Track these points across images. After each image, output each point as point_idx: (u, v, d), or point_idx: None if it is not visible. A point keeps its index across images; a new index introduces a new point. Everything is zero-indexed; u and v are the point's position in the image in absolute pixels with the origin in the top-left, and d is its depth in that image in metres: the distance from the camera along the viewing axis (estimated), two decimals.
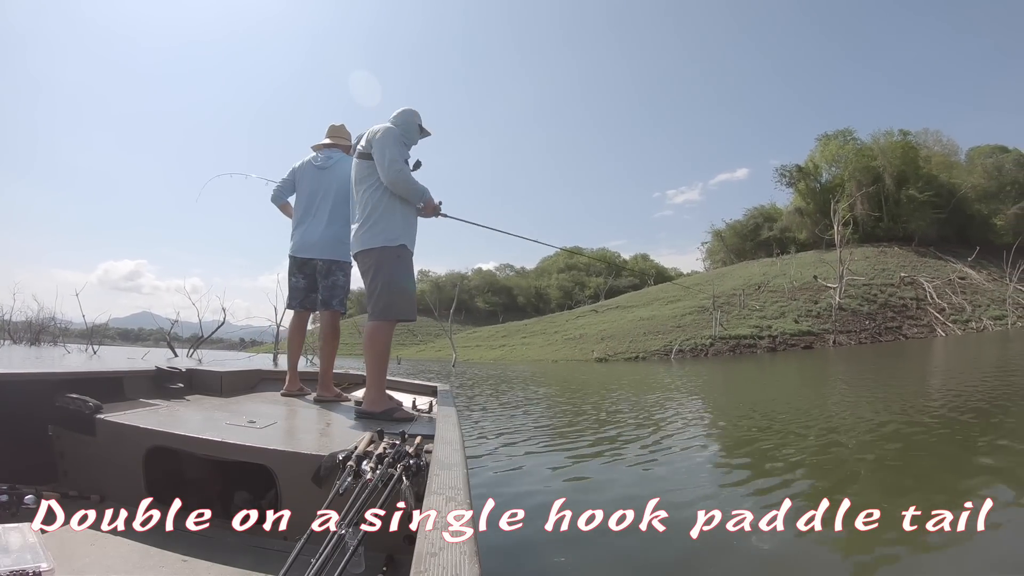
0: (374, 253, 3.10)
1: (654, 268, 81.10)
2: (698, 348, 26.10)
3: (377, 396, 2.99)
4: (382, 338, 3.08)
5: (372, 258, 3.11)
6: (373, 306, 3.09)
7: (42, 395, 2.36)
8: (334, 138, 4.12)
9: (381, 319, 3.09)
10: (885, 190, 46.09)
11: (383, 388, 3.05)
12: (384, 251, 3.10)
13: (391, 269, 3.11)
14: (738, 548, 2.81)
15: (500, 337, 43.91)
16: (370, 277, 3.12)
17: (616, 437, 5.95)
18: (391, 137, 3.12)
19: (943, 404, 7.42)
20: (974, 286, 35.29)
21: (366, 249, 3.13)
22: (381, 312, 3.09)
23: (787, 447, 5.13)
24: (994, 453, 4.71)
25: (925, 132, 51.13)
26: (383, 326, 3.09)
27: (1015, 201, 44.65)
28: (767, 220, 56.38)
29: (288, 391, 3.74)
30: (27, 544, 1.50)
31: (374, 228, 3.10)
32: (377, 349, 3.05)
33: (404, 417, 2.93)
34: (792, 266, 38.87)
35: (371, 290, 3.11)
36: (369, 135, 3.16)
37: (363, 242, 3.14)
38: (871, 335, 27.92)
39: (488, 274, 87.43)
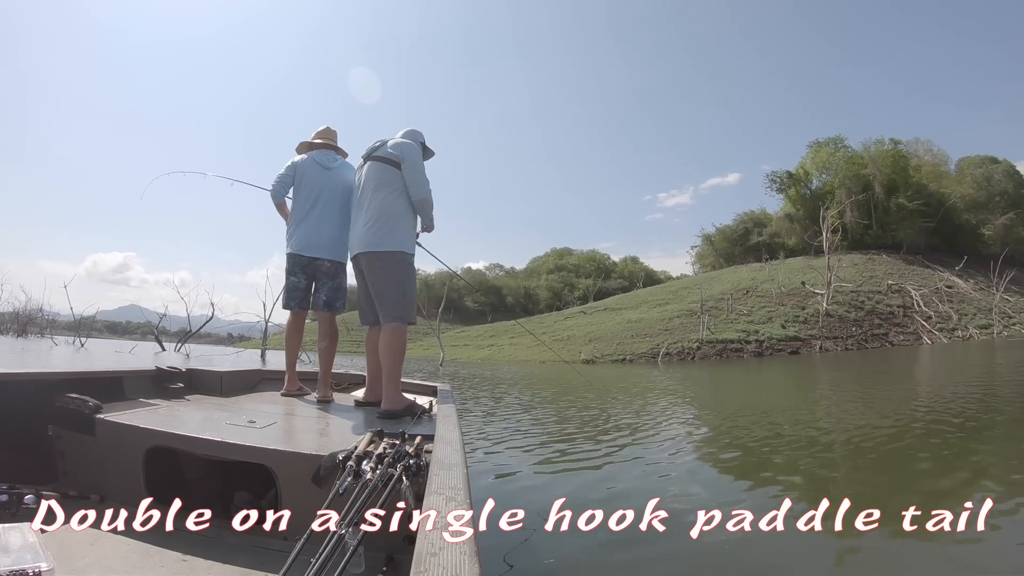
0: (393, 257, 3.21)
1: (644, 271, 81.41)
2: (685, 351, 25.99)
3: (397, 395, 3.09)
4: (401, 339, 3.19)
5: (390, 262, 3.21)
6: (392, 309, 3.19)
7: (42, 395, 2.36)
8: (329, 139, 4.12)
9: (400, 322, 3.20)
10: (875, 198, 46.33)
11: (400, 387, 3.16)
12: (403, 257, 3.24)
13: (408, 275, 3.28)
14: (738, 548, 2.83)
15: (488, 337, 43.75)
16: (385, 279, 3.22)
17: (614, 436, 5.99)
18: (420, 156, 3.36)
19: (930, 409, 7.43)
20: (961, 295, 35.44)
21: (382, 251, 3.20)
22: (400, 315, 3.20)
23: (779, 448, 5.18)
24: (979, 455, 4.85)
25: (916, 141, 51.81)
26: (401, 328, 3.19)
27: (1004, 211, 45.13)
28: (757, 225, 56.45)
29: (288, 391, 3.74)
30: (27, 544, 1.50)
31: (392, 233, 3.21)
32: (396, 349, 3.15)
33: (422, 412, 3.03)
34: (781, 272, 38.87)
35: (386, 293, 3.21)
36: (395, 146, 3.27)
37: (378, 243, 3.20)
38: (857, 342, 27.96)
39: (477, 273, 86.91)
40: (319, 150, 4.00)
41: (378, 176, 3.25)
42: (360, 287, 3.46)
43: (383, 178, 3.24)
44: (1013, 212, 45.02)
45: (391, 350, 3.13)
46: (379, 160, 3.27)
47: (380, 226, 3.19)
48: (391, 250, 3.20)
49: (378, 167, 3.26)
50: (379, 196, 3.22)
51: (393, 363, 3.10)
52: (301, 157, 3.97)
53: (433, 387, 3.96)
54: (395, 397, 3.07)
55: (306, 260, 3.84)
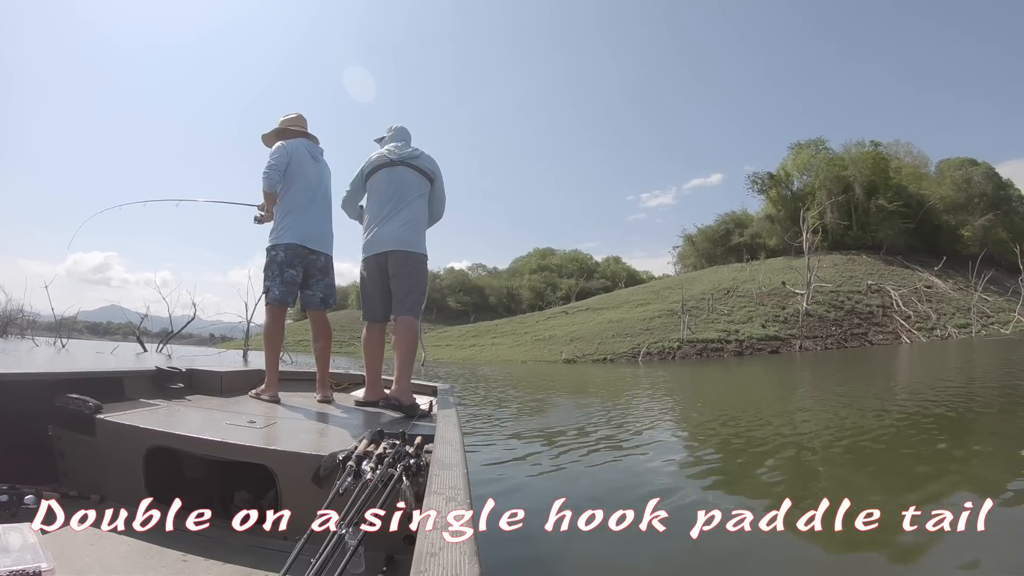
0: (420, 259, 3.43)
1: (626, 271, 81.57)
2: (666, 351, 26.14)
3: (408, 388, 3.18)
4: (416, 332, 3.36)
5: (422, 262, 3.44)
6: (414, 305, 3.37)
7: (42, 395, 2.34)
8: (305, 127, 3.93)
9: (416, 316, 3.38)
10: (855, 199, 46.75)
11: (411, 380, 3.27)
12: (425, 260, 3.48)
13: (426, 276, 3.53)
14: (737, 548, 2.82)
15: (471, 337, 43.88)
16: (417, 278, 3.40)
17: (613, 437, 6.02)
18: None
19: (911, 406, 7.40)
20: (940, 295, 35.73)
21: (418, 252, 3.41)
22: (418, 311, 3.40)
23: (774, 447, 5.20)
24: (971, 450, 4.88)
25: (896, 143, 52.50)
26: (416, 322, 3.37)
27: (983, 213, 45.70)
28: (738, 226, 56.74)
29: (273, 396, 3.34)
30: (27, 544, 1.48)
31: (420, 236, 3.46)
32: (412, 342, 3.32)
33: (423, 413, 3.02)
34: (761, 272, 38.94)
35: (408, 290, 3.36)
36: (428, 160, 3.54)
37: (413, 244, 3.39)
38: (837, 341, 28.08)
39: (460, 273, 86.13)
40: (302, 139, 3.76)
41: (418, 184, 3.47)
42: (373, 283, 3.45)
43: (422, 187, 3.48)
44: (992, 213, 45.64)
45: (407, 341, 3.29)
46: (418, 170, 3.48)
47: (415, 229, 3.42)
48: (419, 252, 3.41)
49: (417, 176, 3.47)
50: (419, 202, 3.46)
51: (409, 354, 3.26)
52: (291, 142, 3.68)
53: (433, 387, 4.00)
54: (408, 388, 3.17)
55: (306, 252, 3.64)
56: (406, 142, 3.61)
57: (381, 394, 3.29)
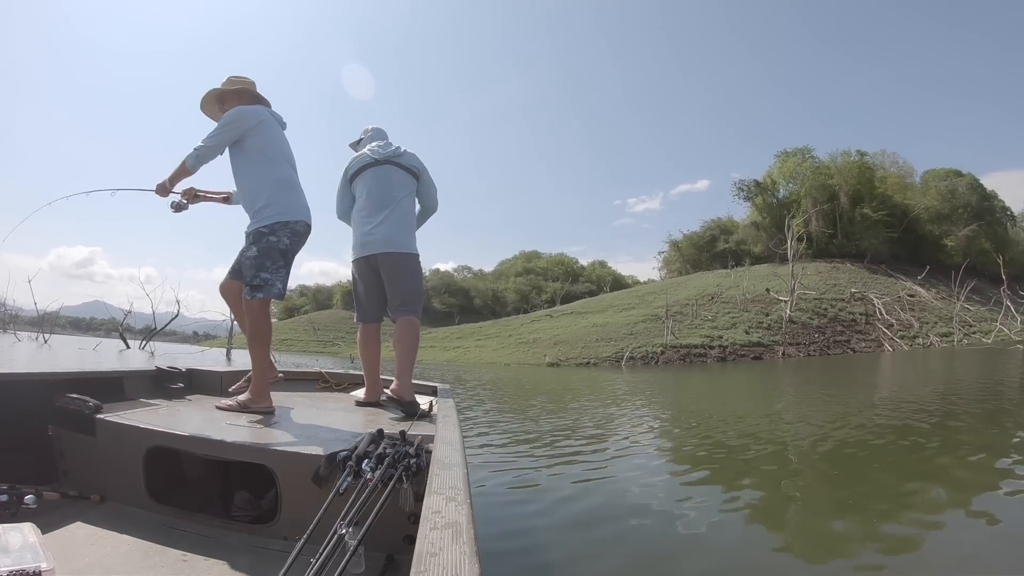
0: (413, 259, 3.40)
1: (611, 275, 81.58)
2: (649, 356, 25.95)
3: (410, 386, 3.12)
4: (418, 331, 3.34)
5: (415, 262, 3.42)
6: (414, 305, 3.36)
7: (42, 395, 2.34)
8: (256, 92, 3.25)
9: (417, 316, 3.37)
10: (840, 208, 46.95)
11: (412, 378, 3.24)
12: (417, 259, 3.44)
13: (421, 274, 3.52)
14: (737, 548, 2.86)
15: (455, 339, 43.77)
16: (413, 278, 3.39)
17: (612, 437, 6.11)
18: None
19: (893, 413, 7.43)
20: (923, 303, 35.82)
21: (410, 253, 3.38)
22: (418, 310, 3.39)
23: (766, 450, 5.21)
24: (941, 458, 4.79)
25: (882, 153, 52.96)
26: (417, 321, 3.36)
27: (966, 223, 45.99)
28: (723, 232, 56.85)
29: (267, 408, 2.82)
30: (27, 544, 1.49)
31: (410, 236, 3.42)
32: (414, 340, 3.29)
33: (424, 415, 2.98)
34: (746, 278, 38.88)
35: (412, 291, 3.36)
36: (411, 157, 3.50)
37: (401, 245, 3.34)
38: (820, 348, 27.97)
39: (446, 275, 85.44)
40: (263, 106, 3.19)
41: (405, 182, 3.45)
42: (366, 285, 3.43)
43: (408, 185, 3.46)
44: (975, 224, 45.88)
45: (410, 339, 3.27)
46: (403, 168, 3.45)
47: (405, 228, 3.37)
48: (414, 252, 3.39)
49: (403, 173, 3.44)
50: (407, 200, 3.43)
51: (412, 351, 3.24)
52: (257, 107, 3.11)
53: (433, 387, 4.01)
54: (410, 385, 3.11)
55: (308, 232, 3.18)
56: (387, 141, 3.58)
57: (381, 394, 3.30)
